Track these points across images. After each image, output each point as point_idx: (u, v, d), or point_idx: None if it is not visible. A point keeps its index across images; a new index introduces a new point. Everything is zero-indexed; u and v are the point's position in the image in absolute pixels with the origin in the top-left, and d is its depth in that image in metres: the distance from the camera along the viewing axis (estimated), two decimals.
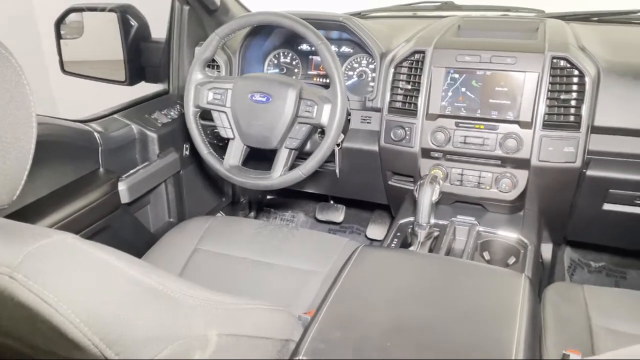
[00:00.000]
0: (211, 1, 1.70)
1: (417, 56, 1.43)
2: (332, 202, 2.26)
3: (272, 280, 1.35)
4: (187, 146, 1.80)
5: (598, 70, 1.31)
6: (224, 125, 1.42)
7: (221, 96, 1.40)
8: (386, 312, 0.88)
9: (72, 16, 1.74)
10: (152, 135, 1.64)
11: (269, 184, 1.37)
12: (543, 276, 1.60)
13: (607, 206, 1.43)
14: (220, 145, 1.72)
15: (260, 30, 1.68)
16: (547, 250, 1.60)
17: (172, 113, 1.74)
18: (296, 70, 1.76)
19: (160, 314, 0.56)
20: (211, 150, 1.45)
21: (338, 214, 2.23)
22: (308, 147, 1.44)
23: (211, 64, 1.68)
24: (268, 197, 2.46)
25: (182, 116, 1.74)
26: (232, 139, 1.42)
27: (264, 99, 1.35)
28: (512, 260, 1.33)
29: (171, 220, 1.80)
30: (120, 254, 0.60)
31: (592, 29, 1.56)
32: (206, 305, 0.64)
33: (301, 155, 1.44)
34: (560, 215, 1.50)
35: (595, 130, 1.32)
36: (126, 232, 1.58)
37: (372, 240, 2.17)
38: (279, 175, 1.36)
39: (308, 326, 0.87)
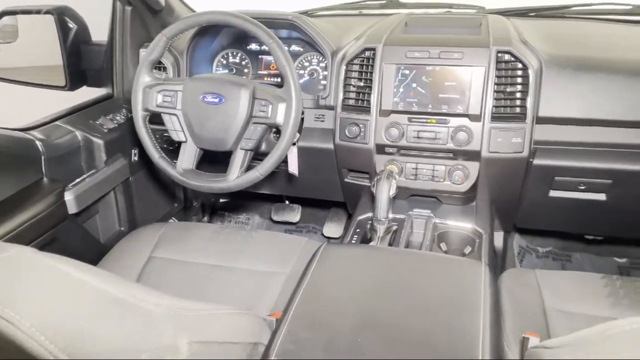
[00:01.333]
0: (155, 1, 1.65)
1: (367, 53, 1.44)
2: (287, 202, 2.24)
3: (232, 284, 1.33)
4: (135, 151, 1.74)
5: (540, 63, 1.36)
6: (176, 128, 1.38)
7: (171, 98, 1.36)
8: (354, 309, 0.88)
9: (5, 19, 1.64)
10: (98, 142, 1.57)
11: (225, 187, 1.34)
12: (496, 263, 1.66)
13: (553, 193, 1.50)
14: (171, 149, 1.68)
15: (208, 30, 1.64)
16: (498, 238, 1.66)
17: (118, 118, 1.68)
18: (246, 70, 1.74)
19: (129, 325, 0.54)
20: (163, 154, 1.41)
21: (294, 214, 2.22)
22: (264, 147, 1.42)
23: (157, 65, 1.63)
24: (221, 200, 2.41)
25: (129, 121, 1.69)
26: (185, 142, 1.39)
27: (217, 100, 1.32)
28: (468, 249, 1.37)
29: (122, 229, 1.73)
30: (82, 266, 0.57)
31: (531, 24, 1.63)
32: (175, 314, 0.62)
33: (256, 156, 1.42)
34: (510, 204, 1.56)
35: (540, 120, 1.37)
36: (75, 243, 1.51)
37: (329, 238, 2.18)
38: (236, 177, 1.34)
39: (277, 328, 0.86)
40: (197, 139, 1.37)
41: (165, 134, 1.64)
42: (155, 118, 1.42)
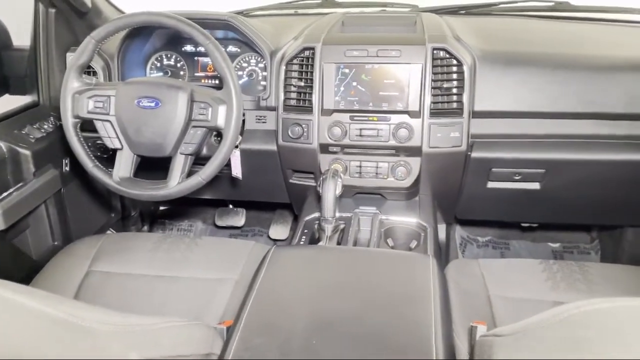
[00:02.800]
0: (81, 2, 1.57)
1: (307, 53, 1.43)
2: (231, 206, 2.20)
3: (179, 294, 1.28)
4: (67, 161, 1.64)
5: (473, 59, 1.41)
6: (110, 135, 1.32)
7: (103, 104, 1.30)
8: (307, 310, 0.87)
9: None
10: (25, 153, 1.47)
11: (166, 194, 1.29)
12: (441, 255, 1.70)
13: (490, 184, 1.55)
14: (106, 157, 1.60)
15: (140, 32, 1.58)
16: (441, 230, 1.70)
17: (46, 126, 1.58)
18: (182, 72, 1.69)
19: (74, 347, 0.50)
20: (97, 163, 1.34)
21: (238, 218, 2.18)
22: (205, 151, 1.38)
23: (87, 70, 1.55)
24: (161, 208, 2.34)
25: (58, 129, 1.59)
26: (120, 149, 1.33)
27: (153, 104, 1.27)
28: (414, 243, 1.39)
29: (56, 243, 1.64)
30: (15, 286, 0.52)
31: (462, 21, 1.68)
32: (121, 331, 0.59)
33: (197, 160, 1.38)
34: (451, 197, 1.60)
35: (476, 114, 1.42)
36: (4, 261, 1.41)
37: (275, 240, 2.16)
38: (177, 183, 1.29)
39: (229, 336, 0.84)
40: (133, 146, 1.31)
41: (99, 142, 1.56)
42: (87, 125, 1.34)
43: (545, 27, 1.67)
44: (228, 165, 1.47)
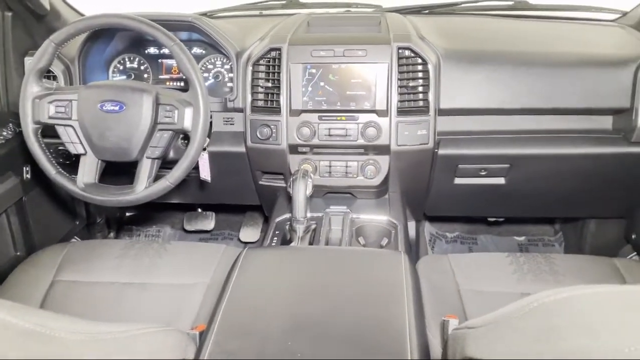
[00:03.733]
0: (39, 5, 1.52)
1: (273, 53, 1.43)
2: (199, 210, 2.17)
3: (149, 301, 1.26)
4: (28, 169, 1.59)
5: (438, 58, 1.43)
6: (72, 140, 1.28)
7: (65, 108, 1.26)
8: (282, 312, 0.87)
9: None
10: None
11: (134, 199, 1.26)
12: (411, 252, 1.72)
13: (457, 180, 1.58)
14: (68, 163, 1.56)
15: (101, 35, 1.54)
16: (411, 227, 1.72)
17: (4, 133, 1.53)
18: (145, 75, 1.66)
19: (44, 358, 0.48)
20: (60, 169, 1.31)
21: (208, 222, 2.16)
22: (172, 154, 1.36)
23: (46, 74, 1.50)
24: (128, 214, 2.29)
25: (18, 135, 1.54)
26: (84, 154, 1.29)
27: (117, 108, 1.24)
28: (385, 241, 1.40)
29: (18, 253, 1.58)
30: None
31: (425, 20, 1.70)
32: (92, 339, 0.57)
33: (164, 164, 1.36)
34: (419, 194, 1.63)
35: (442, 112, 1.44)
36: None
37: (246, 243, 2.14)
38: (144, 188, 1.27)
39: (203, 341, 0.83)
40: (97, 151, 1.28)
41: (61, 148, 1.52)
42: (48, 131, 1.30)
43: (505, 25, 1.71)
44: (196, 168, 1.45)
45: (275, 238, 1.39)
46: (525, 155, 1.47)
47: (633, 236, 1.72)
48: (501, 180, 1.57)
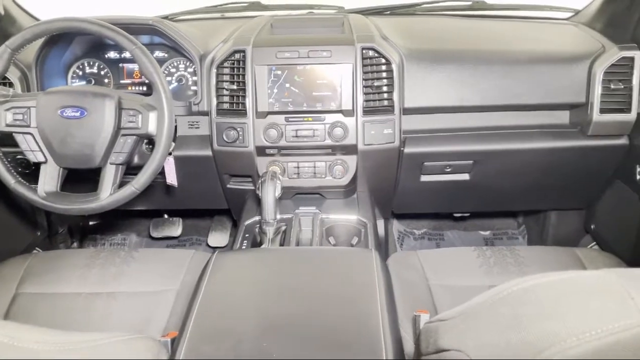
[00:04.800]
0: None
1: (237, 55, 1.42)
2: (166, 216, 2.14)
3: (117, 310, 1.23)
4: None
5: (401, 58, 1.45)
6: (32, 148, 1.25)
7: (23, 116, 1.23)
8: (256, 314, 0.86)
9: None
10: None
11: (98, 206, 1.23)
12: (381, 250, 1.74)
13: (423, 178, 1.61)
14: (28, 172, 1.51)
15: (59, 40, 1.50)
16: (379, 225, 1.74)
17: None
18: (106, 80, 1.62)
19: None
20: (20, 179, 1.26)
21: (175, 228, 2.13)
22: (137, 160, 1.33)
23: (2, 81, 1.45)
24: (91, 222, 2.23)
25: None
26: (44, 162, 1.26)
27: (78, 114, 1.21)
28: (355, 240, 1.41)
29: None
30: None
31: (387, 21, 1.73)
32: (61, 349, 0.55)
33: (129, 170, 1.33)
34: (387, 192, 1.65)
35: (407, 111, 1.46)
36: None
37: (215, 248, 2.12)
38: (109, 195, 1.24)
39: (175, 347, 0.81)
40: (58, 158, 1.25)
41: (20, 156, 1.47)
42: (6, 139, 1.26)
43: (465, 25, 1.75)
44: (162, 173, 1.43)
45: (245, 241, 1.38)
46: (488, 151, 1.51)
47: (592, 226, 1.78)
48: (465, 176, 1.60)
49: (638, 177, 1.44)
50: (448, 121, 1.51)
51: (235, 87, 1.43)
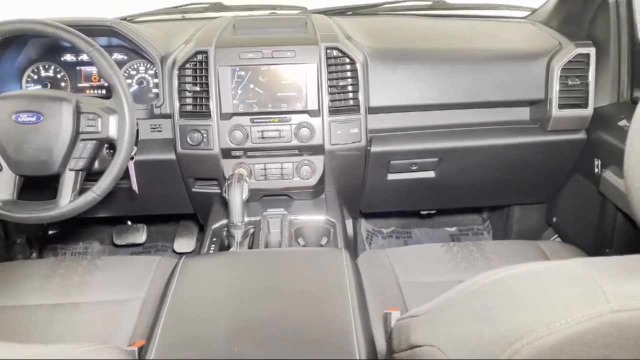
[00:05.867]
0: None
1: (199, 57, 1.40)
2: (129, 222, 2.09)
3: (81, 321, 1.19)
4: None
5: (365, 57, 1.45)
6: None
7: None
8: (226, 318, 0.85)
9: None
10: None
11: (58, 214, 1.19)
12: (350, 249, 1.74)
13: (390, 176, 1.62)
14: None
15: (12, 42, 1.44)
16: (348, 225, 1.74)
17: None
18: (63, 84, 1.57)
19: None
20: None
21: (139, 235, 2.07)
22: (97, 165, 1.30)
23: None
24: (51, 231, 2.15)
25: None
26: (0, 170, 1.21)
27: (34, 119, 1.17)
28: (324, 240, 1.41)
29: None
30: None
31: (350, 21, 1.73)
32: None
33: (89, 176, 1.29)
34: (355, 191, 1.65)
35: (372, 110, 1.47)
36: None
37: (181, 254, 2.08)
38: (69, 202, 1.20)
39: (143, 356, 0.79)
40: (14, 165, 1.20)
41: None
42: None
43: (426, 24, 1.78)
44: (124, 178, 1.39)
45: (213, 245, 1.36)
46: (452, 149, 1.53)
47: (554, 219, 1.83)
48: (431, 174, 1.62)
49: (596, 170, 1.49)
50: (413, 120, 1.52)
51: (198, 88, 1.40)
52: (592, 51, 1.46)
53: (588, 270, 0.53)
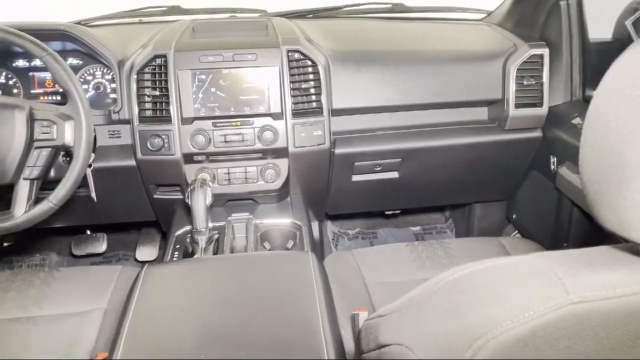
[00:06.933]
0: None
1: (158, 60, 1.37)
2: (89, 232, 2.02)
3: (40, 335, 1.15)
4: None
5: (327, 60, 1.46)
6: None
7: None
8: (192, 325, 0.83)
9: None
10: None
11: (12, 225, 1.15)
12: (317, 251, 1.74)
13: (355, 177, 1.62)
14: None
15: None
16: (314, 227, 1.74)
17: None
18: (15, 90, 1.51)
19: None
20: None
21: (99, 244, 2.01)
22: (53, 174, 1.26)
23: None
24: (5, 243, 2.06)
25: None
26: None
27: None
28: (290, 243, 1.40)
29: None
30: None
31: (310, 24, 1.73)
32: None
33: (45, 185, 1.25)
34: (320, 194, 1.65)
35: (335, 112, 1.48)
36: None
37: (143, 262, 2.03)
38: (24, 212, 1.15)
39: None
40: None
41: None
42: None
43: (386, 27, 1.80)
44: (82, 186, 1.35)
45: (177, 253, 1.33)
46: (414, 149, 1.55)
47: (513, 216, 1.88)
48: (395, 174, 1.64)
49: (552, 167, 1.53)
50: (376, 121, 1.54)
51: (157, 93, 1.37)
52: (545, 52, 1.50)
53: (548, 264, 0.54)
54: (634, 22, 1.45)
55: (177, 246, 1.35)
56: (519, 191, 1.82)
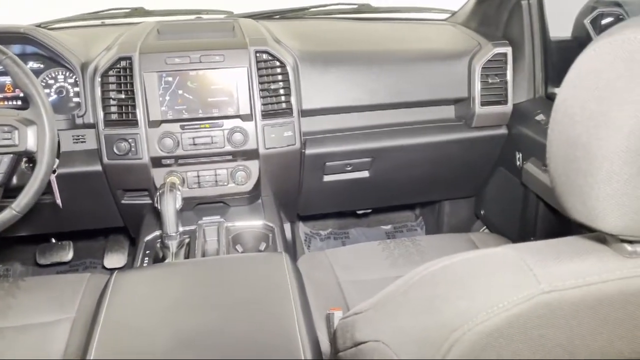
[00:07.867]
0: None
1: (123, 63, 1.35)
2: (54, 240, 1.97)
3: (4, 348, 1.10)
4: None
5: (295, 60, 1.46)
6: None
7: None
8: (165, 331, 0.81)
9: None
10: None
11: None
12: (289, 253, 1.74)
13: (326, 178, 1.63)
14: None
15: None
16: (286, 229, 1.74)
17: None
18: None
19: None
20: None
21: (65, 253, 1.96)
22: (15, 181, 1.21)
23: None
24: None
25: None
26: None
27: None
28: (263, 245, 1.40)
29: None
30: None
31: (278, 25, 1.73)
32: None
33: (7, 192, 1.21)
34: (291, 195, 1.65)
35: (305, 113, 1.48)
36: None
37: (112, 269, 1.98)
38: None
39: None
40: None
41: None
42: None
43: (352, 27, 1.81)
44: (46, 193, 1.31)
45: (147, 258, 1.31)
46: (384, 148, 1.56)
47: (482, 212, 1.92)
48: (365, 174, 1.65)
49: (518, 163, 1.57)
50: (346, 121, 1.54)
51: (123, 96, 1.35)
52: (508, 50, 1.54)
53: (519, 255, 0.55)
54: (592, 20, 1.50)
55: (147, 252, 1.33)
56: (486, 187, 1.85)
